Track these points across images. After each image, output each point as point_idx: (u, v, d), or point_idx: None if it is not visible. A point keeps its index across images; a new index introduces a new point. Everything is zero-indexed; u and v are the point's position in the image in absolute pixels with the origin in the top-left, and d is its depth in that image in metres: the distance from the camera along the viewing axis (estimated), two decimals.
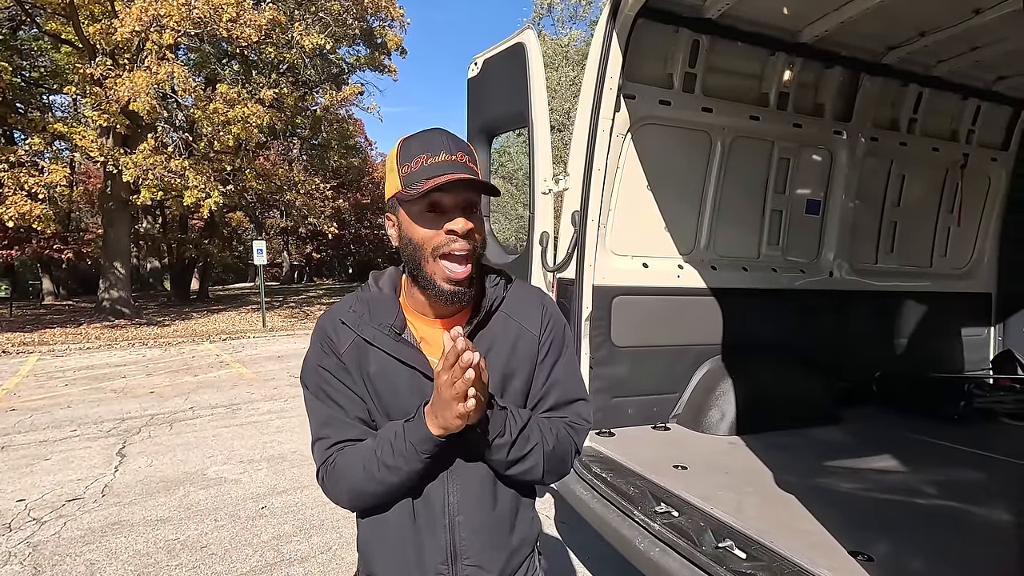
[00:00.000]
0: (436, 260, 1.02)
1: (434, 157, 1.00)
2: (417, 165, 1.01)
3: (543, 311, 1.18)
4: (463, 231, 1.00)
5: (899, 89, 3.48)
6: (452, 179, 0.97)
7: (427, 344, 1.10)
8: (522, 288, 1.21)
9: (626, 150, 2.90)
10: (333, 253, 40.70)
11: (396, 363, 1.07)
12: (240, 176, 16.25)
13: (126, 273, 16.30)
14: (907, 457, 2.57)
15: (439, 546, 1.08)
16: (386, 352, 1.07)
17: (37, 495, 4.12)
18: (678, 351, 3.08)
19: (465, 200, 1.02)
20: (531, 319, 1.16)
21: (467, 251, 1.01)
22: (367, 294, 1.14)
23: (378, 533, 1.13)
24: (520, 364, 1.14)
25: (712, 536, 1.76)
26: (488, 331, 1.12)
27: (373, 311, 1.10)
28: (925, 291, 3.82)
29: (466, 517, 1.09)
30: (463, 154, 1.03)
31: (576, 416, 1.19)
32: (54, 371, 9.19)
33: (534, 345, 1.15)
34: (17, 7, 14.56)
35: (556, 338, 1.19)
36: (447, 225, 1.00)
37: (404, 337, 1.09)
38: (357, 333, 1.09)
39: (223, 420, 6.17)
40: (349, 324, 1.10)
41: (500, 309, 1.14)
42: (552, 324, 1.19)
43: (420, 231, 1.02)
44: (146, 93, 12.02)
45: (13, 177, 12.72)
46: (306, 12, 16.36)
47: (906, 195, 3.72)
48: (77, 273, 27.71)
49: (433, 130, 1.06)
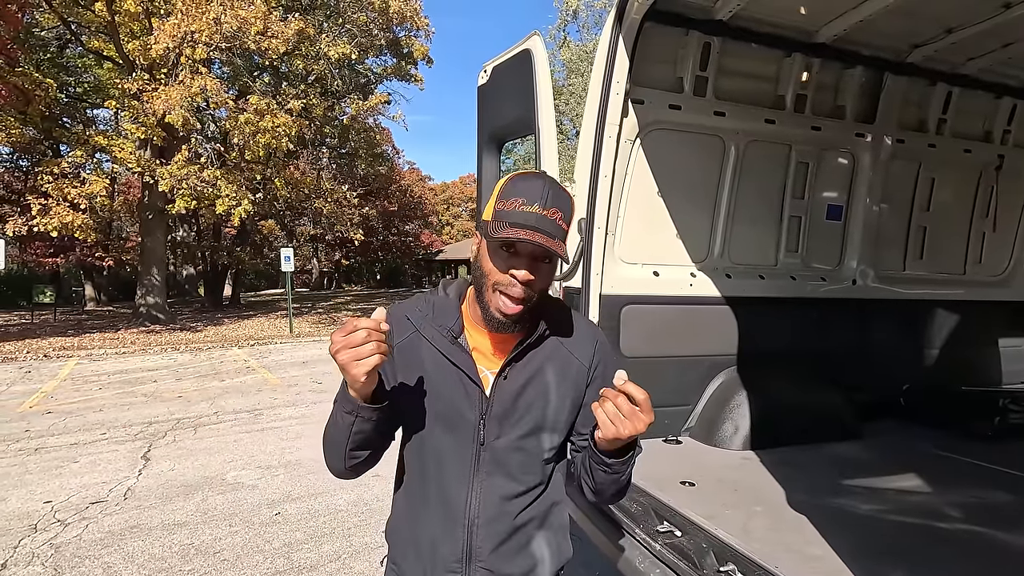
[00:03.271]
0: (495, 292, 1.08)
1: (528, 206, 1.05)
2: (511, 207, 1.05)
3: (595, 344, 1.24)
4: (523, 280, 1.06)
5: (926, 88, 3.32)
6: (526, 240, 1.02)
7: (478, 353, 1.16)
8: (578, 320, 1.27)
9: (635, 156, 2.84)
10: (361, 260, 41.32)
11: (446, 363, 1.13)
12: (270, 185, 16.66)
13: (162, 280, 16.83)
14: (934, 477, 2.42)
15: (456, 544, 1.13)
16: (439, 350, 1.14)
17: (63, 497, 4.25)
18: (691, 362, 2.98)
19: (540, 252, 1.07)
20: (582, 349, 1.22)
21: (522, 296, 1.07)
22: (434, 297, 1.22)
23: (402, 522, 1.21)
24: (567, 390, 1.18)
25: (714, 559, 1.68)
26: (539, 353, 1.17)
27: (436, 313, 1.18)
28: (958, 300, 3.63)
29: (485, 521, 1.13)
30: (557, 211, 1.06)
31: None
32: (90, 375, 9.52)
33: (583, 375, 1.20)
34: (63, 27, 15.28)
35: (608, 370, 1.21)
36: (512, 271, 1.06)
37: (459, 341, 1.15)
38: (417, 329, 1.16)
39: (245, 425, 6.28)
40: (412, 320, 1.18)
41: (554, 335, 1.20)
42: (603, 356, 1.24)
43: (490, 264, 1.08)
44: (180, 106, 12.44)
45: (57, 188, 13.31)
46: (333, 24, 16.72)
47: (936, 199, 3.55)
48: (118, 280, 28.76)
49: (540, 178, 1.10)
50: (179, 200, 13.97)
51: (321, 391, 8.05)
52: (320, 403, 7.28)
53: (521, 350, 1.15)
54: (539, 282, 1.08)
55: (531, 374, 1.15)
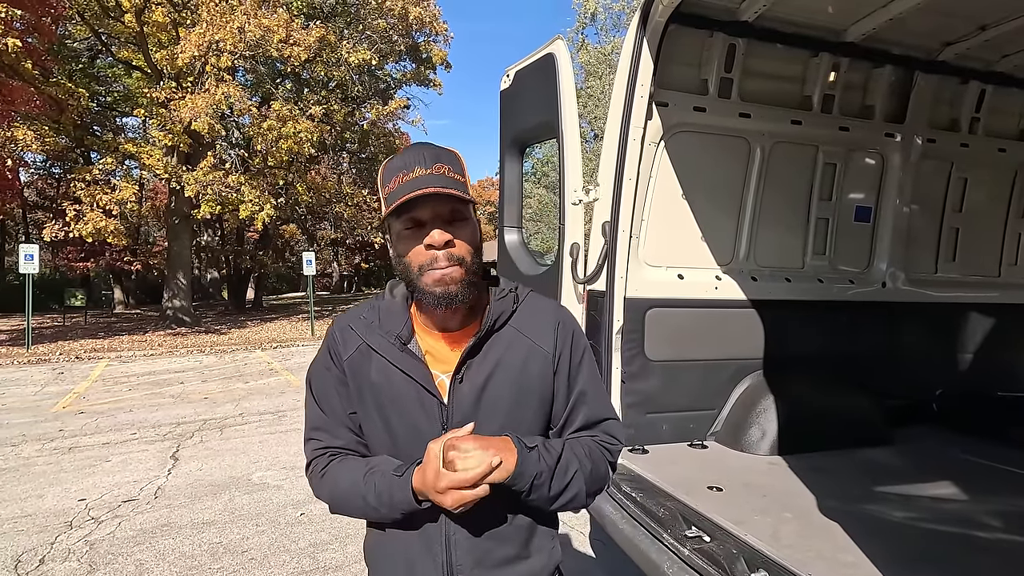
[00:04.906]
0: (423, 273, 1.01)
1: (409, 173, 1.00)
2: (395, 184, 1.01)
3: (556, 326, 1.13)
4: (440, 243, 0.99)
5: (958, 87, 3.25)
6: (414, 196, 0.96)
7: (432, 357, 1.08)
8: (535, 302, 1.16)
9: (659, 158, 2.83)
10: (381, 263, 41.70)
11: (398, 373, 1.06)
12: (292, 189, 16.94)
13: (187, 283, 17.20)
14: (968, 484, 2.36)
15: (435, 561, 1.06)
16: (389, 361, 1.06)
17: (97, 495, 4.36)
18: (716, 366, 2.95)
19: (444, 211, 1.00)
20: (543, 335, 1.11)
21: (450, 263, 1.00)
22: (381, 302, 1.13)
23: (380, 540, 1.12)
24: (533, 384, 1.09)
25: (745, 565, 1.66)
26: (495, 347, 1.08)
27: (383, 319, 1.10)
28: (993, 303, 3.54)
29: (464, 534, 1.05)
30: (440, 164, 1.01)
31: (606, 436, 1.16)
32: (120, 376, 9.76)
33: (547, 363, 1.10)
34: (95, 38, 15.75)
35: (575, 355, 1.14)
36: (425, 241, 1.00)
37: (409, 348, 1.07)
38: (364, 340, 1.09)
39: (269, 426, 6.37)
40: (357, 330, 1.10)
41: (509, 324, 1.10)
42: (566, 340, 1.13)
43: (404, 248, 1.03)
44: (206, 113, 12.73)
45: (89, 194, 13.72)
46: (354, 30, 16.95)
47: (969, 199, 3.47)
48: (145, 283, 29.46)
49: (414, 146, 1.06)
50: (204, 205, 14.29)
51: None
52: None
53: (474, 344, 1.05)
54: (460, 243, 1.01)
55: (490, 371, 1.06)
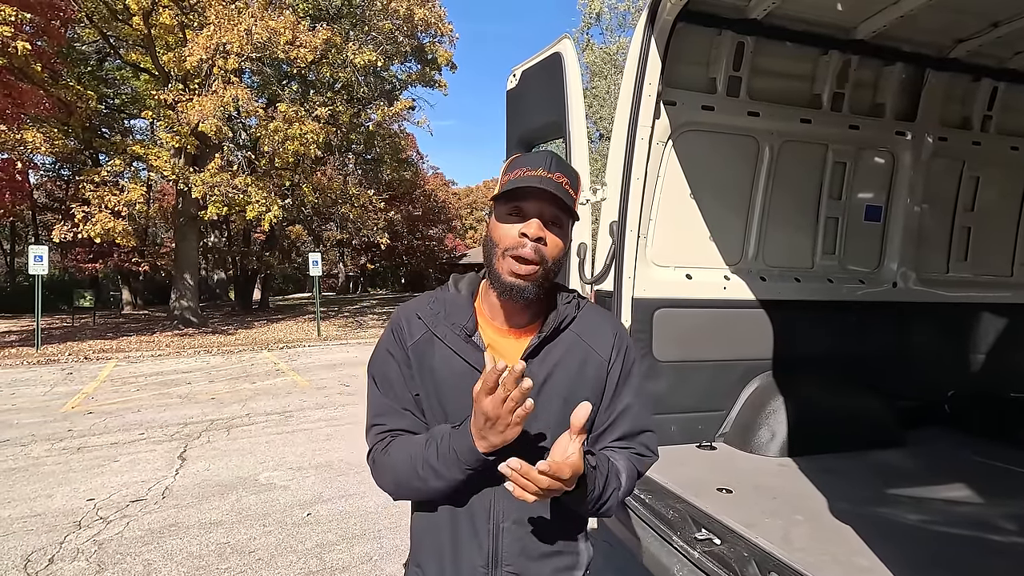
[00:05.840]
0: (505, 257, 1.06)
1: (533, 171, 1.06)
2: (515, 175, 1.07)
3: (615, 337, 1.18)
4: (533, 235, 1.04)
5: (970, 84, 3.22)
6: (532, 185, 1.03)
7: (494, 351, 1.12)
8: (595, 312, 1.22)
9: (667, 158, 2.81)
10: (386, 264, 41.79)
11: (462, 362, 1.10)
12: (298, 191, 16.99)
13: (194, 284, 17.28)
14: (981, 486, 2.34)
15: (481, 549, 1.10)
16: (453, 350, 1.11)
17: (105, 495, 4.38)
18: (725, 366, 2.93)
19: (548, 213, 1.07)
20: (602, 343, 1.17)
21: (532, 257, 1.05)
22: (445, 294, 1.18)
23: (427, 525, 1.17)
24: (585, 388, 1.14)
25: (756, 568, 1.65)
26: (555, 348, 1.13)
27: (448, 310, 1.14)
28: (1005, 303, 3.50)
29: (511, 524, 1.10)
30: (562, 176, 1.07)
31: (643, 447, 1.21)
32: (128, 376, 9.82)
33: (602, 370, 1.16)
34: (103, 41, 15.86)
35: (627, 366, 1.19)
36: (521, 227, 1.05)
37: (473, 339, 1.12)
38: (429, 328, 1.14)
39: (276, 427, 6.39)
40: (424, 319, 1.15)
41: (570, 328, 1.15)
42: (621, 351, 1.19)
43: (500, 231, 1.08)
44: (213, 115, 12.78)
45: (98, 196, 13.80)
46: (359, 32, 16.99)
47: (981, 198, 3.43)
48: (153, 284, 29.63)
49: (544, 151, 1.12)
50: (211, 206, 14.35)
51: (349, 394, 8.14)
52: (348, 405, 7.37)
53: (538, 345, 1.11)
54: (550, 245, 1.07)
55: (549, 369, 1.11)
